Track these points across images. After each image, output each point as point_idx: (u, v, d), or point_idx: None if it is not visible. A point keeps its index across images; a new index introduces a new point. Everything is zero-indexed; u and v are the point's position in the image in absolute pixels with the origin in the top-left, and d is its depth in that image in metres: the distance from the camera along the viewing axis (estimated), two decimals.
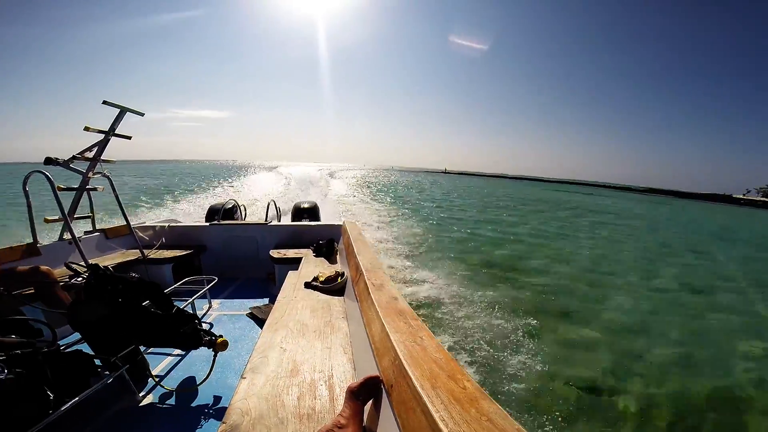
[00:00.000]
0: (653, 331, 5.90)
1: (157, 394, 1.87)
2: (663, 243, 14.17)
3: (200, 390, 1.92)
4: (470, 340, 4.52)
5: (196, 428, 1.65)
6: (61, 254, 2.86)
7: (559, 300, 6.60)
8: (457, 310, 5.46)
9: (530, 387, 3.68)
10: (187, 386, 1.94)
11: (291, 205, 8.43)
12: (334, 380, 1.36)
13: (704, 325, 6.31)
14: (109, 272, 1.64)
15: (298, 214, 5.23)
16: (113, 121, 3.21)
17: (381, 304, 1.40)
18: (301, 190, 19.69)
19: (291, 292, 2.38)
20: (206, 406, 1.81)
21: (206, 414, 1.75)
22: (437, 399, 0.77)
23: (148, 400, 1.83)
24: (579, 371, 4.24)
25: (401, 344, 1.04)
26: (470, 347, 4.36)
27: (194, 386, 1.94)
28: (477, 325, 4.92)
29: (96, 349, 1.63)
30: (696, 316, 6.74)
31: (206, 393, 1.90)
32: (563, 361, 4.43)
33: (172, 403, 1.83)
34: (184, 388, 1.92)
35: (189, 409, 1.79)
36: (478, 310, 5.61)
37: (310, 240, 3.78)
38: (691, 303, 7.52)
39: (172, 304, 1.80)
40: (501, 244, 11.18)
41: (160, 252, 3.58)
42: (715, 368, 4.79)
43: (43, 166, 2.64)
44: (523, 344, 4.62)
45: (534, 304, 6.15)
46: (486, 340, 4.55)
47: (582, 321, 5.87)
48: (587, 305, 6.85)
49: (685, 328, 6.09)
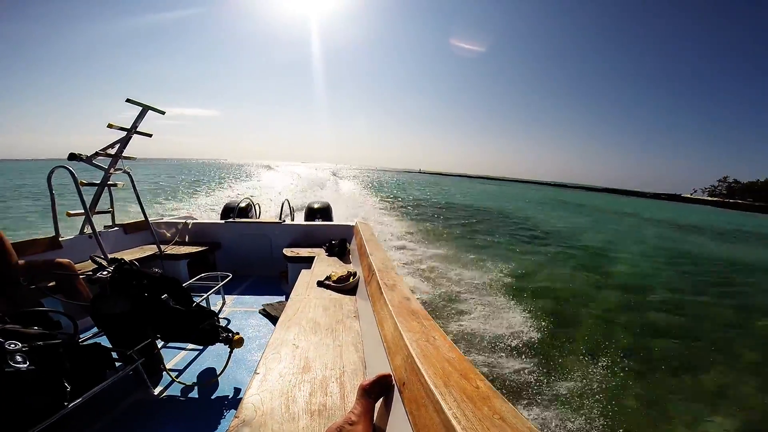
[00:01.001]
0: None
1: (172, 388, 1.90)
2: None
3: (213, 385, 1.95)
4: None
5: (209, 422, 1.67)
6: (81, 248, 2.94)
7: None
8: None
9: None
10: (201, 381, 1.97)
11: (302, 203, 8.62)
12: (346, 378, 1.37)
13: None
14: (136, 267, 1.68)
15: (311, 214, 5.28)
16: (135, 119, 3.31)
17: (394, 304, 1.40)
18: (309, 188, 21.56)
19: (304, 291, 2.41)
20: (219, 400, 1.84)
21: (219, 408, 1.78)
22: (450, 397, 0.77)
23: (163, 393, 1.86)
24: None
25: (414, 343, 1.04)
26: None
27: (208, 381, 1.97)
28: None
29: (114, 342, 1.67)
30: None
31: (220, 388, 1.93)
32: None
33: (186, 397, 1.86)
34: (198, 382, 1.95)
35: (202, 404, 1.82)
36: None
37: (322, 239, 3.81)
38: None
39: (191, 300, 1.83)
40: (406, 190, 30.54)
41: (176, 248, 3.66)
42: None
43: (66, 162, 2.73)
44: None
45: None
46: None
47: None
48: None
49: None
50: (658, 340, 5.57)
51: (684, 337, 5.86)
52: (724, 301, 7.92)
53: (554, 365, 4.18)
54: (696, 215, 43.24)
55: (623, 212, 34.40)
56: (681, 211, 51.82)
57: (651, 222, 26.58)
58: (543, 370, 4.01)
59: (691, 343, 5.66)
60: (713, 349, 5.46)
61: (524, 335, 4.79)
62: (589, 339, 5.11)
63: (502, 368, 3.95)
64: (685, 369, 4.69)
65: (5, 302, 1.80)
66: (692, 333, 6.05)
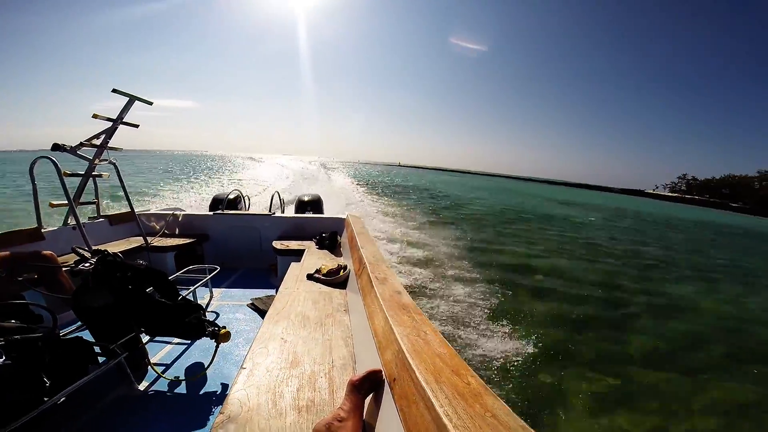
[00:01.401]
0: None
1: (156, 383, 1.87)
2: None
3: (199, 380, 1.92)
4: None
5: (195, 418, 1.64)
6: (65, 240, 2.86)
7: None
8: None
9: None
10: (186, 376, 1.94)
11: (292, 196, 8.61)
12: (335, 373, 1.35)
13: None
14: (119, 259, 1.63)
15: (302, 206, 5.22)
16: (122, 110, 3.22)
17: (384, 298, 1.39)
18: (303, 178, 25.51)
19: (293, 284, 2.38)
20: (205, 395, 1.81)
21: (204, 404, 1.75)
22: (441, 394, 0.76)
23: (147, 389, 1.83)
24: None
25: (405, 338, 1.03)
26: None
27: (194, 376, 1.94)
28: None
29: (97, 336, 1.62)
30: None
31: (206, 383, 1.90)
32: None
33: (171, 392, 1.82)
34: (184, 377, 1.92)
35: (187, 399, 1.79)
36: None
37: (313, 232, 3.77)
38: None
39: (177, 293, 1.79)
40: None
41: (163, 240, 3.59)
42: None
43: (50, 152, 2.64)
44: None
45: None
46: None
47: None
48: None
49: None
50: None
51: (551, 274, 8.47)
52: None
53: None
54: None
55: (544, 197, 45.39)
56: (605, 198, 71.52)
57: (548, 201, 38.25)
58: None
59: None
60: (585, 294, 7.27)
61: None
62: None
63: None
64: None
65: None
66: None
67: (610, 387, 3.93)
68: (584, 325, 5.59)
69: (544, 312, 5.83)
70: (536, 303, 6.21)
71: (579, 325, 5.57)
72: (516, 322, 5.23)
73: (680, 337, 5.67)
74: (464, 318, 5.06)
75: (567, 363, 4.31)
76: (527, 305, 6.01)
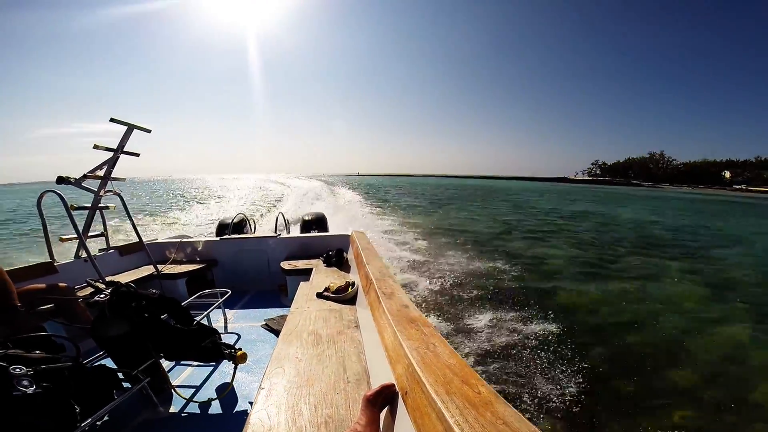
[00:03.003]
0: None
1: (179, 406, 1.91)
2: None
3: (220, 401, 1.96)
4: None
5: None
6: (78, 272, 2.92)
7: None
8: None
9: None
10: (207, 397, 1.98)
11: (295, 216, 8.77)
12: (350, 388, 1.38)
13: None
14: (132, 289, 1.69)
15: (307, 226, 5.28)
16: (121, 139, 3.24)
17: (392, 312, 1.42)
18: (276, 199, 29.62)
19: (303, 303, 2.42)
20: (227, 416, 1.85)
21: (227, 424, 1.78)
22: (452, 404, 0.78)
23: (171, 411, 1.87)
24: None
25: (414, 351, 1.06)
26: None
27: (214, 397, 1.98)
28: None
29: (119, 363, 1.67)
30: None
31: (226, 404, 1.94)
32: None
33: (194, 413, 1.86)
34: (205, 399, 1.96)
35: (211, 420, 1.82)
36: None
37: (319, 250, 3.82)
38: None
39: (191, 318, 1.84)
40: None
41: (172, 267, 3.65)
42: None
43: (55, 185, 2.71)
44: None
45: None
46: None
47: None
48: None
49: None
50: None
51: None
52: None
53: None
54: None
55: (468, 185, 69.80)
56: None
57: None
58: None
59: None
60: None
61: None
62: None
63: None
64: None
65: (5, 328, 1.79)
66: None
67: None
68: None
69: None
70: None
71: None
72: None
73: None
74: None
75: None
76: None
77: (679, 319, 5.61)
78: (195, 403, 1.93)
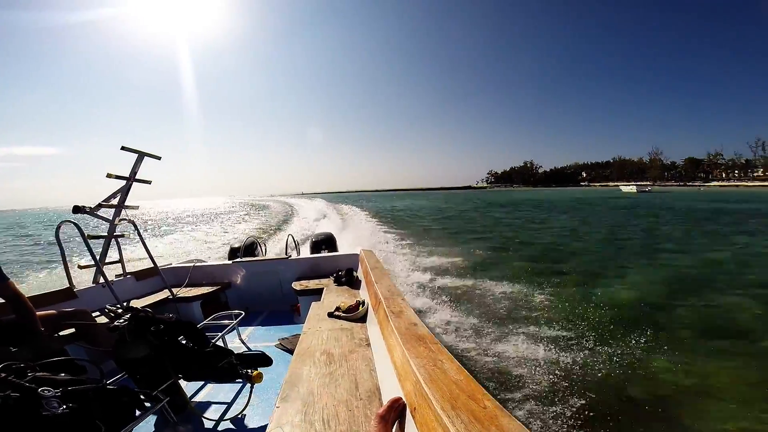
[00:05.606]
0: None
1: (198, 425, 1.97)
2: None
3: (239, 420, 2.00)
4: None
5: None
6: (96, 297, 3.03)
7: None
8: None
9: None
10: (226, 416, 2.03)
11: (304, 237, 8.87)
12: (362, 405, 1.41)
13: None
14: (150, 314, 1.77)
15: (316, 246, 5.36)
16: (133, 166, 3.33)
17: (401, 331, 1.45)
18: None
19: (315, 323, 2.46)
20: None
21: None
22: (458, 420, 0.80)
23: (191, 430, 1.93)
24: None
25: (422, 368, 1.09)
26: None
27: (232, 416, 2.03)
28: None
29: (139, 384, 1.73)
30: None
31: (244, 422, 1.99)
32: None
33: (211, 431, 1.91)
34: (223, 418, 2.02)
35: None
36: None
37: (329, 270, 3.88)
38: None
39: (207, 340, 1.90)
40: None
41: (187, 290, 3.74)
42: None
43: (72, 215, 2.85)
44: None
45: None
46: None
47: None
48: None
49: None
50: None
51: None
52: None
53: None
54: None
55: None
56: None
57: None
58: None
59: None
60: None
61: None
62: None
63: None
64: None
65: (29, 352, 1.87)
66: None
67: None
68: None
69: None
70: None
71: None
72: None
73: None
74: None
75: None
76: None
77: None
78: (214, 422, 1.97)
